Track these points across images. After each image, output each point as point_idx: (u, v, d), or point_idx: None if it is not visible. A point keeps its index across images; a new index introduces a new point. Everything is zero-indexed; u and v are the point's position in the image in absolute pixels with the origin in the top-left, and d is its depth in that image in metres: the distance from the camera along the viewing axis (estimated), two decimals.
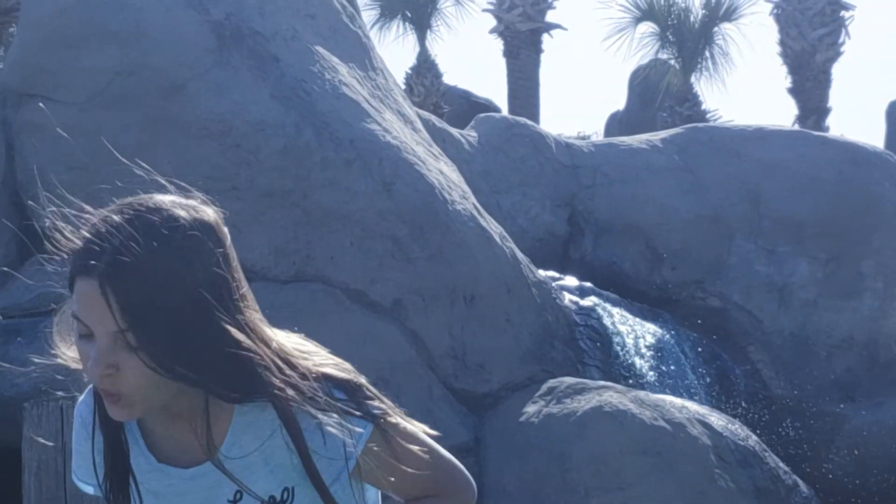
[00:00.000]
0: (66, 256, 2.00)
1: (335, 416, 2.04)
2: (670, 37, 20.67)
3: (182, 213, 2.00)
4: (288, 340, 2.10)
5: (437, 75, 21.26)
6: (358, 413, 2.08)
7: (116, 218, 1.98)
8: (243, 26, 7.63)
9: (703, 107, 20.81)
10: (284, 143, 7.38)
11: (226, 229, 2.04)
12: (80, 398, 2.23)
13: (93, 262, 1.94)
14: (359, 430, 2.07)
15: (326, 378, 2.08)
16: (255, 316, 2.05)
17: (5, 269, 7.70)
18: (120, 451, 2.12)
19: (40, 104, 7.63)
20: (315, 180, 7.38)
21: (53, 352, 2.14)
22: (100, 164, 7.60)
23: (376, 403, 2.11)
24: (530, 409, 7.23)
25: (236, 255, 2.05)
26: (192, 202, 2.04)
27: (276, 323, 2.01)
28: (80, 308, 1.95)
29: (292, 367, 2.06)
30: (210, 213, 2.03)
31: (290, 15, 7.93)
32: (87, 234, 1.98)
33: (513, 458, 7.04)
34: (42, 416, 3.91)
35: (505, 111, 22.41)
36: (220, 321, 1.96)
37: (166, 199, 2.03)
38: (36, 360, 2.22)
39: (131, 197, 2.04)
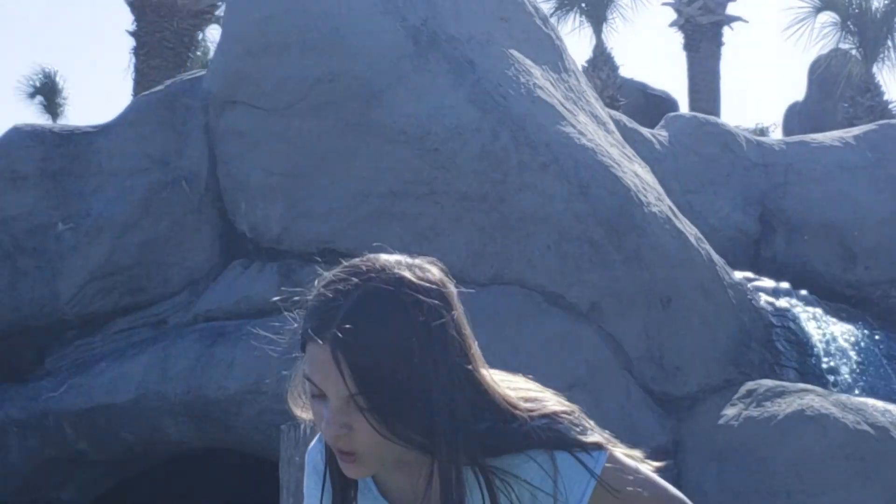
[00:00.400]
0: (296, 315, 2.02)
1: (567, 454, 2.05)
2: (851, 26, 20.28)
3: (409, 276, 1.99)
4: (510, 388, 2.09)
5: (614, 68, 21.20)
6: (590, 447, 2.07)
7: (345, 282, 1.98)
8: (439, 31, 7.72)
9: (886, 97, 20.37)
10: (481, 147, 7.44)
11: (453, 287, 2.03)
12: (312, 444, 2.28)
13: (323, 328, 1.95)
14: (588, 465, 2.06)
15: (553, 415, 2.07)
16: (486, 376, 2.05)
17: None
18: (348, 500, 2.15)
19: (241, 111, 7.84)
20: (511, 184, 7.43)
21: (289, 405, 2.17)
22: (300, 170, 7.81)
23: (597, 437, 2.10)
24: (729, 411, 7.18)
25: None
26: (418, 262, 2.03)
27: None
28: (312, 371, 1.98)
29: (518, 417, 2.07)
30: (436, 272, 2.02)
31: (484, 19, 7.99)
32: (318, 299, 2.00)
33: (712, 461, 7.01)
34: (299, 438, 4.03)
35: (681, 103, 22.24)
36: (453, 386, 1.97)
37: (392, 260, 2.02)
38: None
39: (358, 259, 2.04)
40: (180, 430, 7.47)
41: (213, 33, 18.10)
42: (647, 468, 2.14)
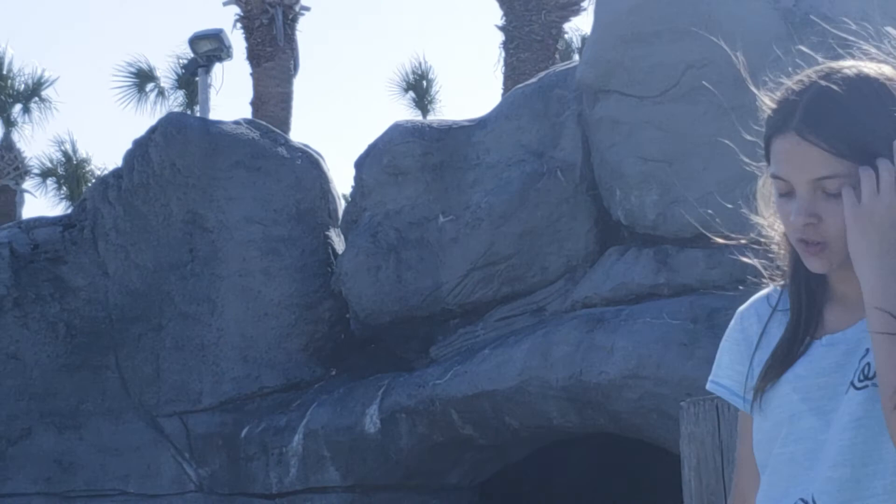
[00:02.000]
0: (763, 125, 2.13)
1: None
2: None
3: (869, 68, 2.07)
4: None
5: None
6: None
7: (803, 80, 2.09)
8: (812, 12, 7.57)
9: None
10: None
11: None
12: (744, 307, 2.31)
13: (788, 118, 2.05)
14: None
15: None
16: None
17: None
18: (812, 310, 2.14)
19: (614, 100, 7.91)
20: None
21: (755, 219, 2.26)
22: (674, 156, 7.82)
23: None
24: None
25: None
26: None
27: None
28: (779, 165, 2.07)
29: None
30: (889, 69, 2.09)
31: None
32: (779, 98, 2.12)
33: None
34: (699, 414, 4.11)
35: None
36: None
37: (849, 61, 2.11)
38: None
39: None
40: (563, 414, 7.60)
41: (576, 25, 18.28)
42: None
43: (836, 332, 2.10)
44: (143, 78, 23.28)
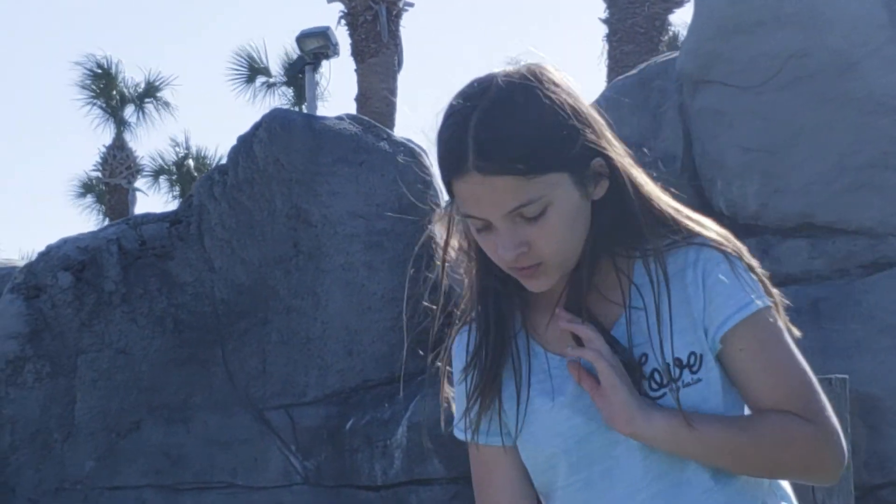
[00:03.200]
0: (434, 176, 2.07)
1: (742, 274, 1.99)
2: None
3: (509, 75, 1.97)
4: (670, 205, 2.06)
5: None
6: (761, 283, 2.01)
7: (459, 111, 1.95)
8: None
9: None
10: None
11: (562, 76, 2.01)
12: (453, 360, 2.29)
13: (462, 157, 1.92)
14: (756, 295, 1.99)
15: (727, 239, 2.03)
16: (644, 179, 2.04)
17: None
18: (503, 327, 2.10)
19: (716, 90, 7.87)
20: None
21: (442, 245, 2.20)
22: (775, 146, 7.77)
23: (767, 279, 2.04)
24: None
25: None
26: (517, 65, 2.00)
27: None
28: (471, 206, 1.96)
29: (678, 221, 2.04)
30: (540, 65, 2.00)
31: None
32: (442, 143, 1.98)
33: None
34: None
35: None
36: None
37: (485, 75, 1.99)
38: None
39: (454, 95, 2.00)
40: None
41: (682, 17, 18.15)
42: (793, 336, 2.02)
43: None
44: (254, 71, 23.53)
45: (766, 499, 2.03)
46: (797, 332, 2.05)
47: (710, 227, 2.05)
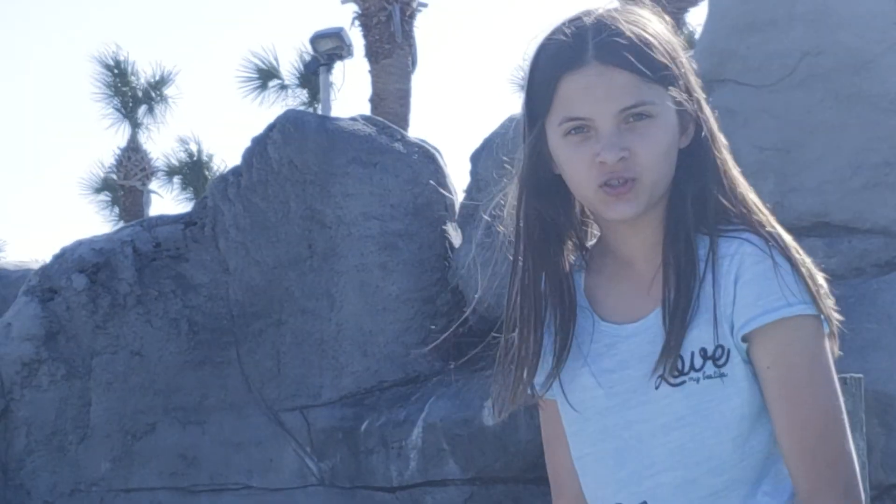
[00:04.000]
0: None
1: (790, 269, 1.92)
2: None
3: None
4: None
5: None
6: (808, 290, 1.93)
7: (578, 18, 1.98)
8: None
9: None
10: None
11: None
12: None
13: (581, 49, 1.92)
14: (797, 299, 1.92)
15: (785, 240, 1.98)
16: (735, 168, 2.07)
17: None
18: (569, 297, 2.05)
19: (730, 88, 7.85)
20: None
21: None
22: (790, 145, 7.75)
23: (824, 300, 1.96)
24: None
25: None
26: None
27: None
28: (577, 105, 1.93)
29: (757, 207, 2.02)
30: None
31: None
32: (561, 35, 1.97)
33: None
34: None
35: None
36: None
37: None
38: None
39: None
40: None
41: (699, 17, 18.12)
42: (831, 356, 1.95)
43: (636, 319, 1.99)
44: (266, 75, 23.56)
45: None
46: (837, 351, 2.00)
47: (773, 225, 2.01)
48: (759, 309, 1.91)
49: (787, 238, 1.98)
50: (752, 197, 2.06)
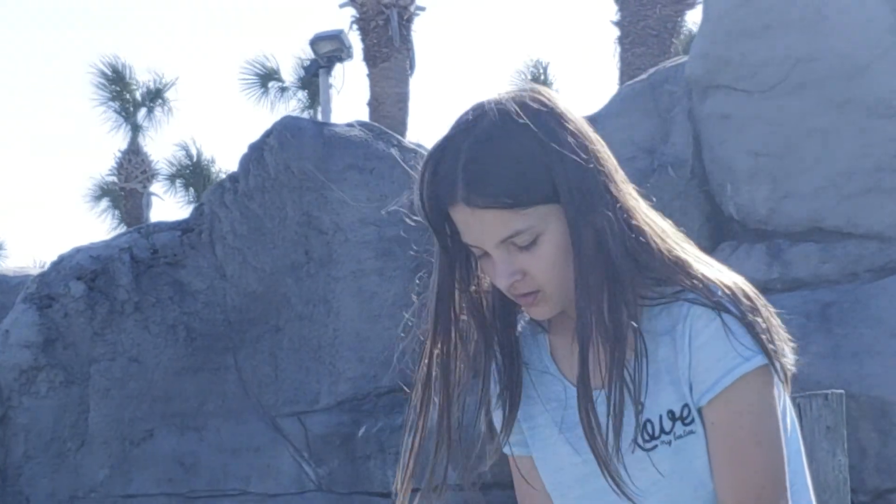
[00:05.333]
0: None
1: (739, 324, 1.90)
2: None
3: (508, 102, 1.94)
4: (678, 242, 1.99)
5: None
6: (757, 339, 1.91)
7: (453, 138, 1.96)
8: None
9: None
10: None
11: (564, 104, 1.99)
12: None
13: (452, 189, 1.92)
14: (750, 352, 1.90)
15: (728, 289, 1.93)
16: (639, 207, 1.98)
17: None
18: (516, 354, 2.09)
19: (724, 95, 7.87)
20: None
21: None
22: (785, 150, 7.77)
23: (776, 343, 1.94)
24: None
25: None
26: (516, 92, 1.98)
27: None
28: (464, 235, 1.96)
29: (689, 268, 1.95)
30: (543, 91, 1.98)
31: None
32: (435, 168, 1.96)
33: None
34: (811, 409, 4.10)
35: None
36: (597, 206, 1.92)
37: (489, 99, 1.97)
38: None
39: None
40: None
41: (693, 18, 18.12)
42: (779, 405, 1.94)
43: (601, 384, 1.97)
44: (266, 77, 23.58)
45: None
46: (786, 397, 2.00)
47: (715, 276, 1.97)
48: (717, 373, 1.92)
49: (726, 283, 1.96)
50: (668, 245, 1.99)
